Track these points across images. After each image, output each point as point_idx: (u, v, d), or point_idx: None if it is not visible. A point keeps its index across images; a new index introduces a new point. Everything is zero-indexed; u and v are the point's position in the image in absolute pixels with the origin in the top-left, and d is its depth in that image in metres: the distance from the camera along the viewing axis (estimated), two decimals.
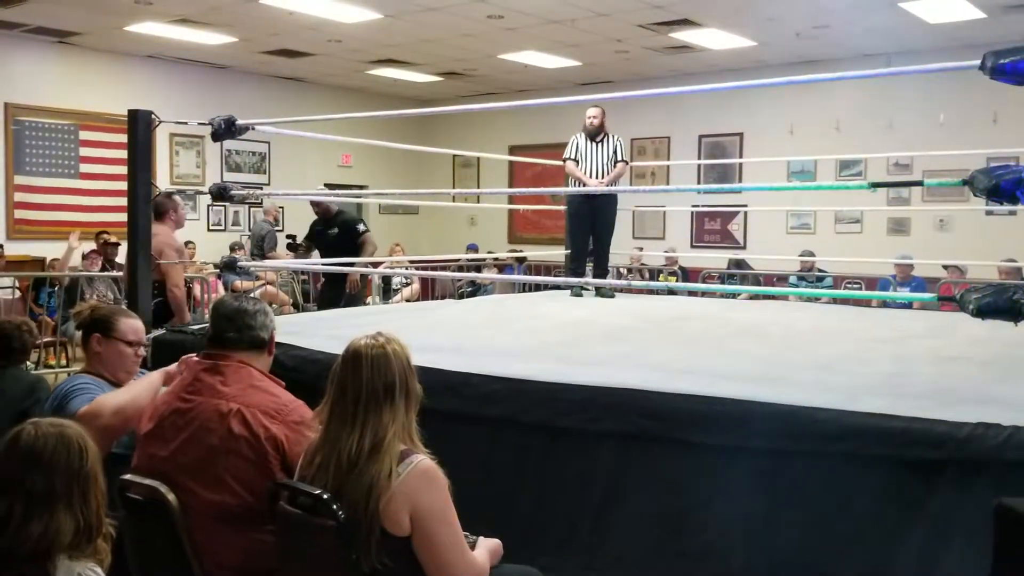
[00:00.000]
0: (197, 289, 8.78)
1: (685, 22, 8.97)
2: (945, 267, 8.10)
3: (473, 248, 12.54)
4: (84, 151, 10.49)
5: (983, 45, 9.03)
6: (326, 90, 12.82)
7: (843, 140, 10.04)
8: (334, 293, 6.76)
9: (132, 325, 2.93)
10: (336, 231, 6.91)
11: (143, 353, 2.99)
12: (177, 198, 5.53)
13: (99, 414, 2.53)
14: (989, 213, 8.59)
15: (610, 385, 2.86)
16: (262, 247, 10.60)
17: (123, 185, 4.53)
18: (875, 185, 3.12)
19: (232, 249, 10.44)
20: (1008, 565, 1.78)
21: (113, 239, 9.51)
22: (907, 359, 3.50)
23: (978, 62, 2.62)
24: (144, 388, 2.66)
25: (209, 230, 11.79)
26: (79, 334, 3.14)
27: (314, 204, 7.25)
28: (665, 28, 9.19)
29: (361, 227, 6.97)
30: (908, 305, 6.87)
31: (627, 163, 6.62)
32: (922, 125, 9.46)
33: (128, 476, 2.32)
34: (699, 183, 11.58)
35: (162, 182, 9.49)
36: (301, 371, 3.32)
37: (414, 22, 9.08)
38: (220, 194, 4.32)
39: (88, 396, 2.65)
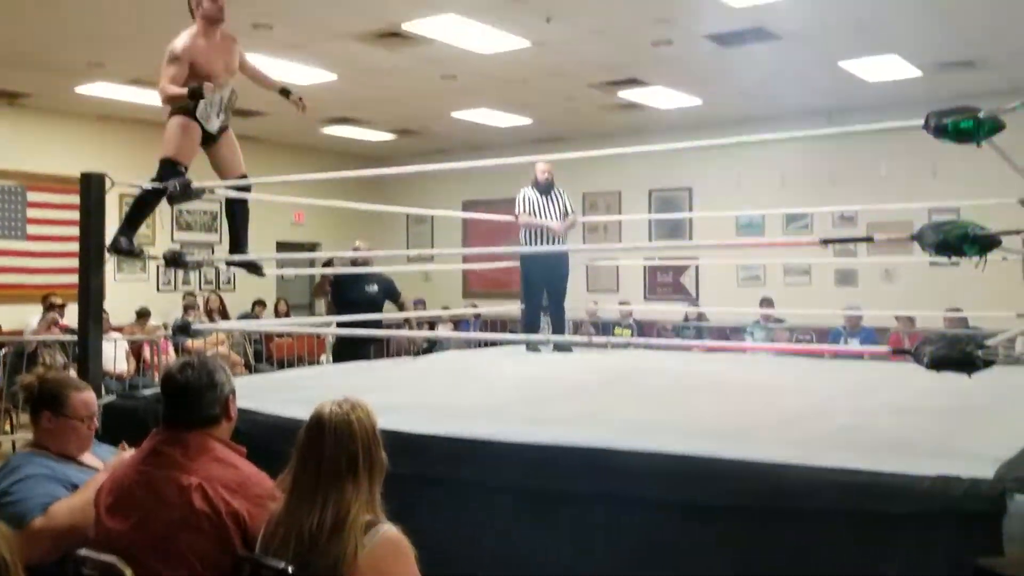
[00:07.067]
0: (147, 352, 8.61)
1: (633, 81, 9.18)
2: (897, 318, 8.28)
3: (420, 304, 12.48)
4: (32, 212, 10.30)
5: (920, 102, 9.39)
6: (279, 148, 12.79)
7: (789, 193, 10.28)
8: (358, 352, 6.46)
9: (83, 399, 2.78)
10: (376, 288, 6.80)
11: (96, 425, 2.85)
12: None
13: (53, 527, 2.43)
14: (933, 264, 8.82)
15: (573, 444, 2.85)
16: None
17: (72, 246, 4.46)
18: (826, 241, 3.19)
19: (185, 309, 10.27)
20: None
21: (59, 301, 9.30)
22: (865, 412, 3.55)
23: (921, 121, 2.72)
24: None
25: (159, 290, 11.60)
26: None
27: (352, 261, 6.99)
28: (614, 87, 9.39)
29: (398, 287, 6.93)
30: (859, 355, 6.99)
31: (576, 215, 6.74)
32: (864, 178, 9.74)
33: (84, 552, 2.23)
34: (650, 236, 11.75)
35: None
36: (255, 436, 3.25)
37: (369, 82, 9.16)
38: (174, 260, 4.26)
39: (37, 501, 2.50)
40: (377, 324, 6.27)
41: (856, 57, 8.20)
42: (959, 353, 2.49)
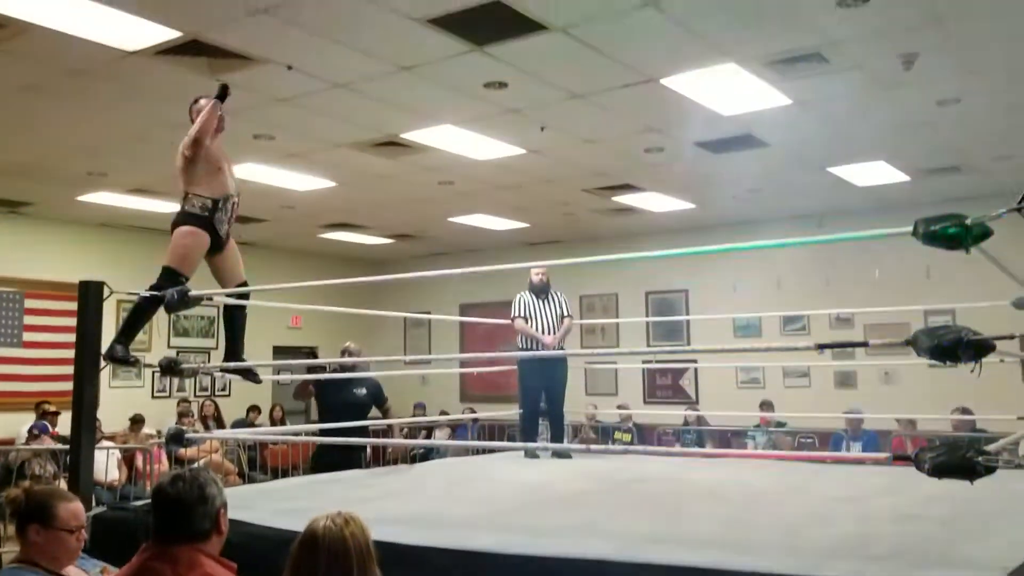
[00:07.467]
0: (139, 460, 8.50)
1: (627, 187, 9.35)
2: (898, 420, 8.21)
3: (421, 407, 12.41)
4: (29, 319, 10.31)
5: (909, 205, 9.50)
6: (278, 253, 12.92)
7: (785, 295, 10.35)
8: (346, 458, 6.01)
9: (72, 510, 2.76)
10: (364, 391, 6.39)
11: (84, 536, 2.83)
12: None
13: None
14: (932, 365, 8.78)
15: (573, 557, 2.78)
16: None
17: (67, 353, 4.44)
18: (821, 347, 3.20)
19: (180, 417, 10.19)
20: None
21: (53, 408, 9.23)
22: (869, 519, 3.49)
23: (910, 228, 2.75)
24: None
25: (153, 397, 11.51)
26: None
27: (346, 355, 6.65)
28: (608, 192, 9.56)
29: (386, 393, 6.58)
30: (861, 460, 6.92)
31: (573, 318, 6.74)
32: (859, 280, 9.81)
33: None
34: (648, 339, 11.78)
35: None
36: (248, 548, 3.18)
37: (367, 189, 9.32)
38: (170, 368, 4.23)
39: None
40: (365, 428, 6.16)
41: (844, 163, 8.38)
42: (960, 460, 2.46)
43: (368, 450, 7.28)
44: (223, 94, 4.24)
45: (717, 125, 7.09)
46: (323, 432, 5.99)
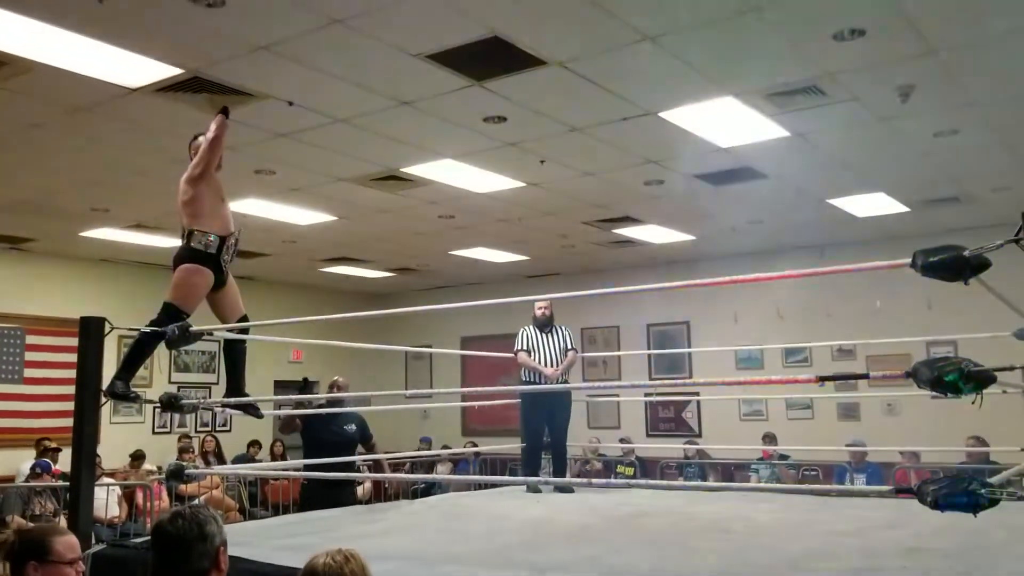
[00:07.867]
0: (140, 497, 8.46)
1: (626, 219, 9.38)
2: (901, 452, 8.17)
3: (426, 441, 12.35)
4: (30, 355, 10.30)
5: (909, 236, 9.49)
6: (279, 287, 12.94)
7: (786, 327, 10.34)
8: (336, 495, 5.89)
9: (68, 542, 2.73)
10: (353, 427, 6.24)
11: (83, 568, 2.80)
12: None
13: None
14: (934, 397, 8.74)
15: None
16: None
17: (68, 389, 4.43)
18: (822, 379, 3.20)
19: (180, 452, 10.14)
20: None
21: (53, 445, 9.20)
22: (873, 553, 3.45)
23: (909, 260, 2.76)
24: None
25: (154, 432, 11.47)
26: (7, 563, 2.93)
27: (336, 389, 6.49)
28: (608, 224, 9.59)
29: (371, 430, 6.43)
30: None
31: (577, 351, 6.72)
32: (860, 311, 9.81)
33: None
34: (650, 371, 11.75)
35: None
36: None
37: (368, 223, 9.36)
38: (170, 404, 4.22)
39: None
40: (352, 464, 6.10)
41: (844, 195, 8.41)
42: (963, 493, 2.45)
43: (369, 485, 7.23)
44: (226, 112, 4.29)
45: (716, 157, 7.13)
46: (316, 468, 5.94)
